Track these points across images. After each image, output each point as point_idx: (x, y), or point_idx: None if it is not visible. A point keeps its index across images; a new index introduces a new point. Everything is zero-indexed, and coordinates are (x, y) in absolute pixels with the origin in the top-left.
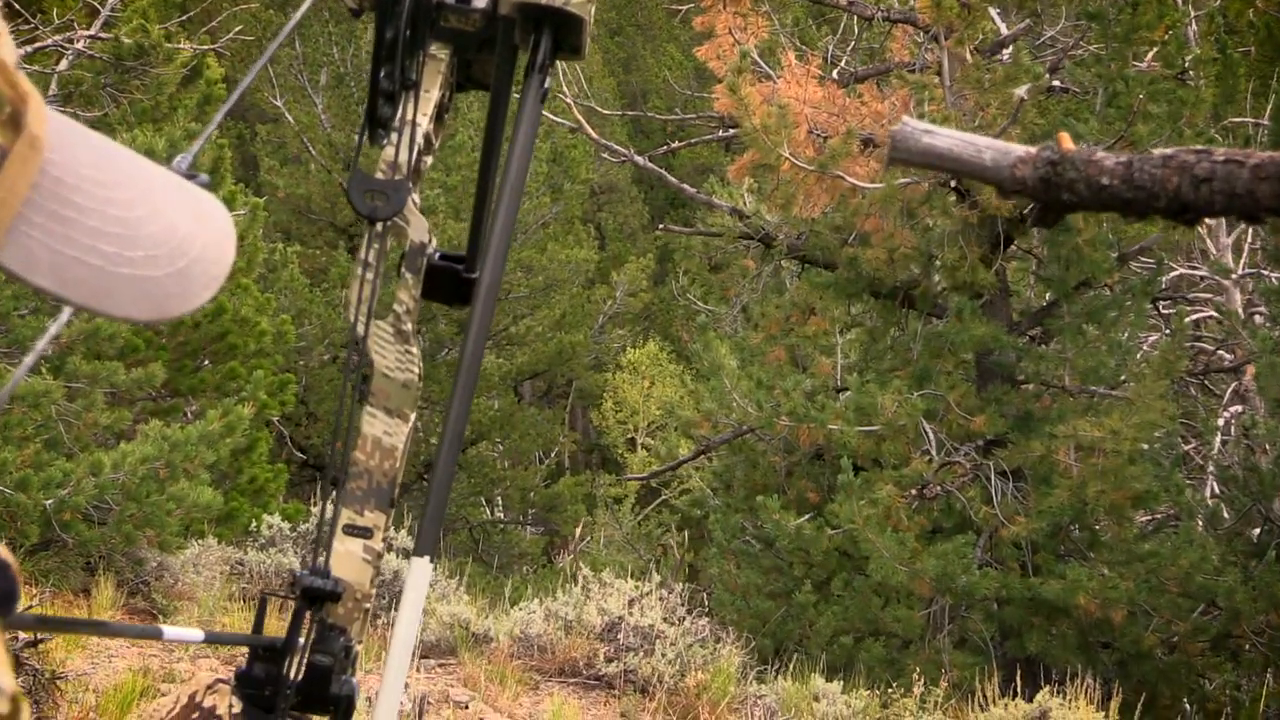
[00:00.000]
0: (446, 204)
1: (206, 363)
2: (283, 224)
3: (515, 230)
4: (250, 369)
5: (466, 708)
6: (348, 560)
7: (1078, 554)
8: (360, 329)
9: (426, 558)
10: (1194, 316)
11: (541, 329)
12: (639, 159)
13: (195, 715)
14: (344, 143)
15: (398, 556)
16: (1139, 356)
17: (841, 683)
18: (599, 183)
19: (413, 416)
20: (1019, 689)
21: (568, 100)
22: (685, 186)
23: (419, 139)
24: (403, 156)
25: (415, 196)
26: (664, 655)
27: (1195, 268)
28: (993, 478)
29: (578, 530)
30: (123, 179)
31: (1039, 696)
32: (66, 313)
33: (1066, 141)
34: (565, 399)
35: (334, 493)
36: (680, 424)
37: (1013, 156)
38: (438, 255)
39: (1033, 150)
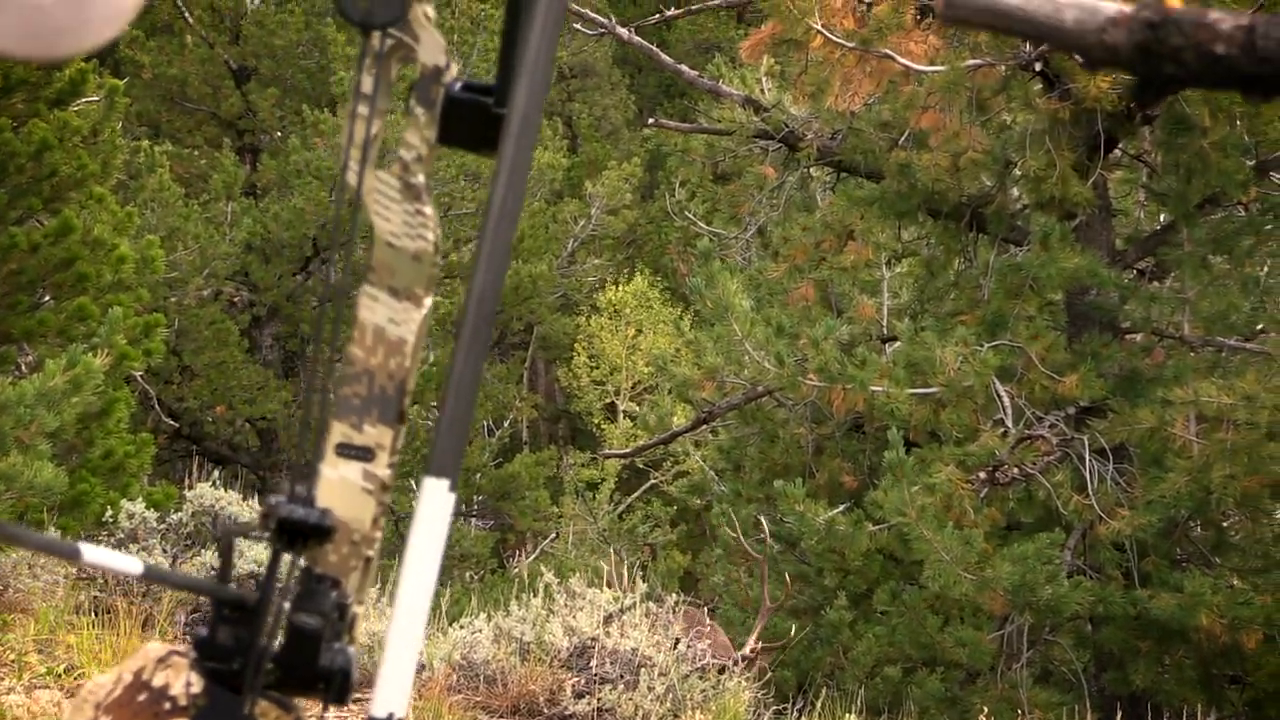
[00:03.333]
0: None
1: (47, 298)
2: (149, 115)
3: None
4: (105, 307)
5: None
6: (341, 490)
7: (1198, 559)
8: (353, 179)
9: (445, 481)
10: None
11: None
12: (623, 32)
13: (142, 697)
14: (230, 7)
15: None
16: None
17: None
18: (570, 63)
19: (428, 300)
20: None
21: None
22: (684, 68)
23: None
24: None
25: (428, 7)
26: (651, 689)
27: None
28: (1087, 457)
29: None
30: None
31: None
32: None
33: None
34: (523, 350)
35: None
36: (675, 384)
37: (1102, 16)
38: (458, 85)
39: (1127, 9)
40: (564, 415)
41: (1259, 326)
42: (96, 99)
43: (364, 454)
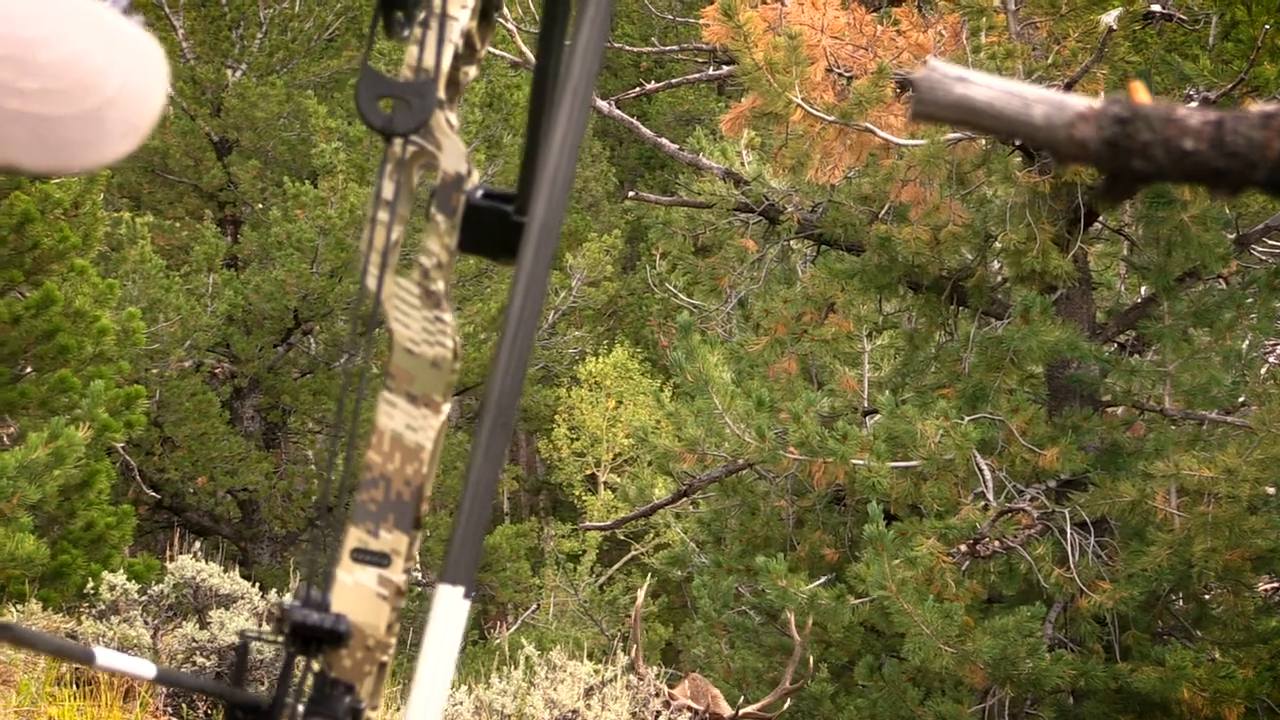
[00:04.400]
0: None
1: (29, 370)
2: (130, 187)
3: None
4: (87, 379)
5: None
6: (356, 595)
7: (1180, 632)
8: (372, 284)
9: (460, 588)
10: None
11: (471, 329)
12: (603, 105)
13: None
14: (211, 79)
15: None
16: (1264, 371)
17: None
18: None
19: (446, 407)
20: None
21: (509, 27)
22: (664, 141)
23: (455, 37)
24: (429, 58)
25: (451, 115)
26: None
27: None
28: (1068, 530)
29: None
30: None
31: None
32: None
33: (1140, 94)
34: None
35: (331, 504)
36: (656, 457)
37: (1070, 113)
38: (480, 193)
39: (1096, 105)
40: (545, 487)
41: (1240, 400)
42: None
43: (380, 560)
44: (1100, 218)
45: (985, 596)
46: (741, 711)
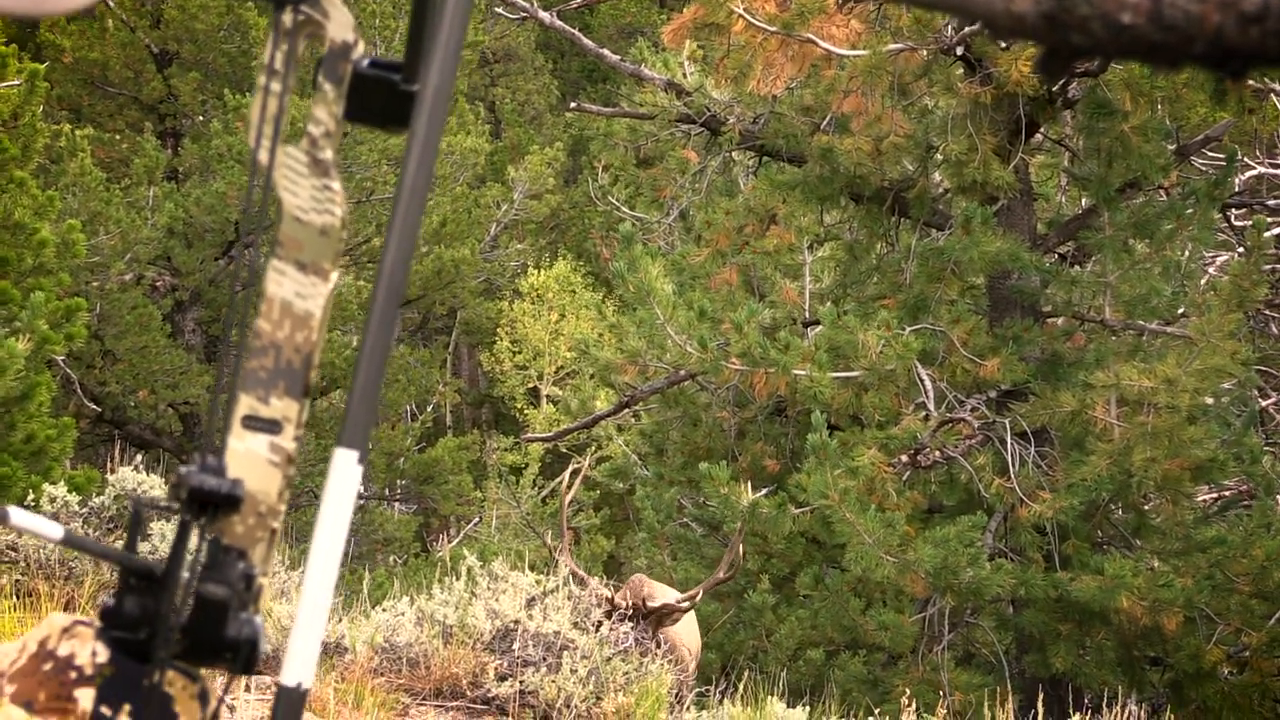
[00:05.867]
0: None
1: None
2: (70, 98)
3: None
4: (26, 291)
5: None
6: (248, 462)
7: (1120, 541)
8: (263, 156)
9: (355, 453)
10: (1277, 230)
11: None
12: (545, 16)
13: (48, 666)
14: None
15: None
16: (1203, 282)
17: (808, 709)
18: (492, 48)
19: (334, 275)
20: (1041, 717)
21: None
22: (606, 53)
23: None
24: None
25: None
26: (574, 672)
27: None
28: (1009, 441)
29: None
30: None
31: None
32: None
33: None
34: (446, 335)
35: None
36: (598, 369)
37: None
38: (367, 62)
39: None
40: (487, 400)
41: (1180, 310)
42: (17, 83)
43: (271, 426)
44: (1041, 128)
45: (926, 506)
46: (663, 603)
